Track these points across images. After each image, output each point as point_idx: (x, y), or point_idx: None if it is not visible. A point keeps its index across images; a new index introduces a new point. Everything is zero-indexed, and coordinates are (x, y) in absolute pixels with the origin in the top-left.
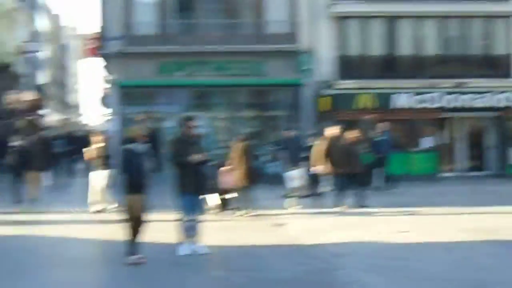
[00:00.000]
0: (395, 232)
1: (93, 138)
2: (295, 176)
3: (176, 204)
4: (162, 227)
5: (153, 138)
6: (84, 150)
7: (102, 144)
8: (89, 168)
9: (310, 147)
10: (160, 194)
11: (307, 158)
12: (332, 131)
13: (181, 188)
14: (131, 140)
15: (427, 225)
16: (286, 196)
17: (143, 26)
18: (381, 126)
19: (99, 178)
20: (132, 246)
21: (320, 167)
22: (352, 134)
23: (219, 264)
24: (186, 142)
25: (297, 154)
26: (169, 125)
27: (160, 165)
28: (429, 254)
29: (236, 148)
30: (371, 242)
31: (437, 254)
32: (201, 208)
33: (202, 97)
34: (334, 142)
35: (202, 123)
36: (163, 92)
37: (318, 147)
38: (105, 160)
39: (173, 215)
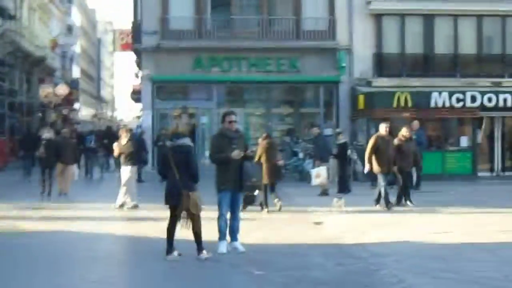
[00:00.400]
0: (436, 232)
1: (120, 133)
2: (319, 174)
3: (215, 201)
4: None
5: (189, 133)
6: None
7: (129, 140)
8: (118, 163)
9: (340, 144)
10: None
11: (336, 156)
12: (382, 129)
13: (220, 184)
14: (180, 136)
15: (466, 225)
16: (321, 194)
17: (179, 21)
18: (412, 125)
19: (126, 174)
20: (199, 242)
21: (368, 165)
22: (404, 132)
23: (259, 262)
24: (226, 137)
25: (323, 151)
26: (204, 121)
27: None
28: (472, 255)
29: (260, 145)
30: (411, 242)
31: (480, 255)
32: (240, 206)
33: (237, 93)
34: (383, 140)
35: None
36: (198, 87)
37: (368, 145)
38: (132, 156)
39: (211, 212)
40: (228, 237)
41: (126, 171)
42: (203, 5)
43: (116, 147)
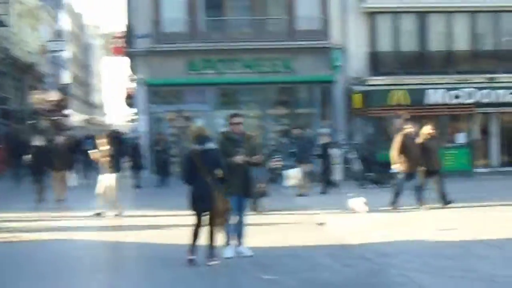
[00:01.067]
0: (441, 229)
1: (99, 140)
2: (293, 175)
3: None
4: (204, 229)
5: None
6: (91, 152)
7: (110, 145)
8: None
9: (322, 145)
10: None
11: (319, 156)
12: (408, 128)
13: (226, 188)
14: (207, 139)
15: (470, 222)
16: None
17: (171, 23)
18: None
19: (105, 181)
20: (215, 247)
21: (397, 165)
22: (428, 130)
23: (267, 266)
24: (231, 140)
25: (303, 152)
26: (199, 124)
27: None
28: (482, 252)
29: None
30: (417, 240)
31: (490, 252)
32: (246, 210)
33: (232, 95)
34: (409, 139)
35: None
36: (192, 90)
37: (395, 144)
38: (113, 162)
39: None
40: (234, 242)
41: (107, 179)
42: (196, 7)
43: (95, 154)
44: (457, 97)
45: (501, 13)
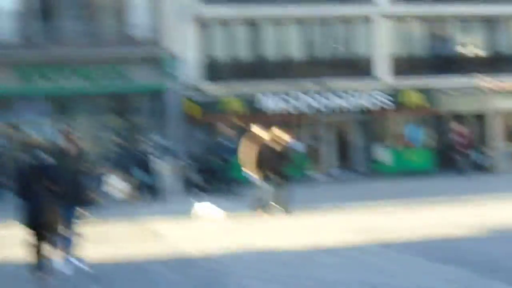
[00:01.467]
0: (278, 237)
1: None
2: (115, 185)
3: None
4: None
5: None
6: None
7: None
8: None
9: (146, 154)
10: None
11: (140, 165)
12: (260, 133)
13: (56, 200)
14: (42, 150)
15: (308, 228)
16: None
17: (2, 32)
18: (224, 131)
19: None
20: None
21: (251, 171)
22: (282, 136)
23: (101, 279)
24: (61, 152)
25: (124, 161)
26: (32, 135)
27: None
28: (323, 259)
29: None
30: (257, 248)
31: (331, 259)
32: (76, 220)
33: (65, 105)
34: (267, 146)
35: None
36: (24, 100)
37: (246, 150)
38: None
39: None
40: (66, 254)
41: None
42: (27, 15)
43: None
44: (292, 104)
45: (332, 22)
